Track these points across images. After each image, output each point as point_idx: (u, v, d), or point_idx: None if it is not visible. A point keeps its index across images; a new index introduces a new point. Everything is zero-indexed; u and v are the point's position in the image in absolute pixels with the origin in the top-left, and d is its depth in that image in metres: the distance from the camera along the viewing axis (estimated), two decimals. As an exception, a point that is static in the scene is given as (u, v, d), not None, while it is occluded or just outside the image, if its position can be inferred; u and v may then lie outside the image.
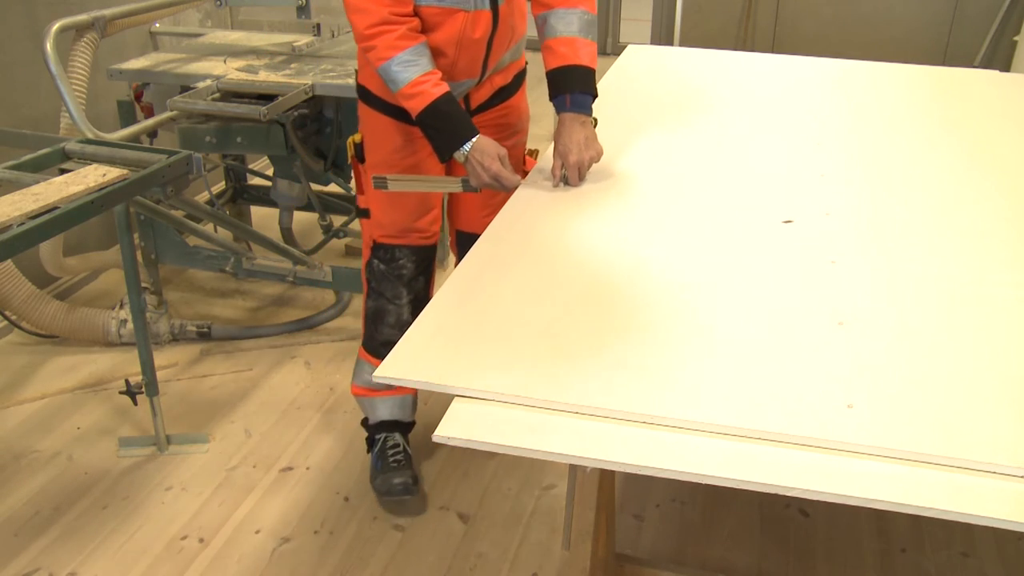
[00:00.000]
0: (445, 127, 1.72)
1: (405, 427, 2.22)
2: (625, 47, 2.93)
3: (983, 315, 1.32)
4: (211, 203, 2.94)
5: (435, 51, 1.75)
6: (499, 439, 1.08)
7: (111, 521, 2.11)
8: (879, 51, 4.85)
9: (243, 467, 2.29)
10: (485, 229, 1.59)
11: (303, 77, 2.61)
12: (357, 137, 2.00)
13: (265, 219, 3.40)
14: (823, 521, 2.13)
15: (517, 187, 1.75)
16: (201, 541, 2.05)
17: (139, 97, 2.75)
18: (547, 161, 1.83)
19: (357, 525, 2.11)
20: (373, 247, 2.03)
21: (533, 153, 2.09)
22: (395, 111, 1.85)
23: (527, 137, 2.10)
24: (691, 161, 1.92)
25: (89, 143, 1.94)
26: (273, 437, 2.41)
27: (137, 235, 2.75)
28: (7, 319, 2.80)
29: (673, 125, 2.13)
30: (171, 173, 1.87)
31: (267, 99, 2.47)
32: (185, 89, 2.57)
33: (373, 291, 2.07)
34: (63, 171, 1.82)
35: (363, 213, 2.03)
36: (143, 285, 2.45)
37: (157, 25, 3.28)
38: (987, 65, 5.22)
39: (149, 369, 2.26)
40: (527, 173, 1.86)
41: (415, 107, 1.71)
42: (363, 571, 1.98)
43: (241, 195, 3.33)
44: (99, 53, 2.61)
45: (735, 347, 1.23)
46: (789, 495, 1.01)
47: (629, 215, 1.65)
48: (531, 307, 1.33)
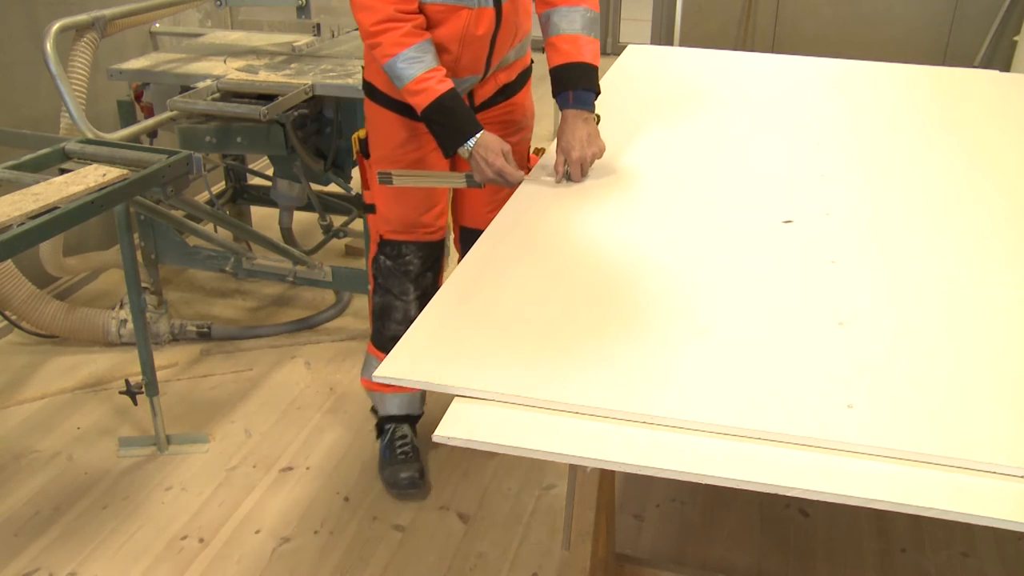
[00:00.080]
0: (449, 123, 1.72)
1: (414, 419, 2.27)
2: (625, 47, 2.93)
3: (983, 315, 1.32)
4: (211, 203, 2.94)
5: (439, 47, 1.75)
6: (499, 439, 1.08)
7: (111, 521, 2.11)
8: (879, 51, 4.85)
9: (243, 467, 2.30)
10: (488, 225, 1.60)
11: (303, 77, 2.61)
12: (362, 133, 2.00)
13: (265, 219, 3.40)
14: (823, 521, 2.13)
15: (520, 183, 1.76)
16: (201, 541, 2.05)
17: (139, 97, 2.75)
18: (550, 157, 1.84)
19: (357, 525, 2.11)
20: (380, 243, 2.04)
21: (539, 152, 2.09)
22: (400, 107, 1.86)
23: (532, 134, 2.11)
24: (691, 161, 1.92)
25: (89, 143, 1.93)
26: (273, 437, 2.41)
27: (137, 235, 2.75)
28: (7, 319, 2.80)
29: (673, 125, 2.13)
30: (171, 173, 1.87)
31: (267, 99, 2.47)
32: (185, 89, 2.57)
33: (380, 287, 2.07)
34: (63, 171, 1.82)
35: (369, 208, 2.04)
36: (143, 285, 2.45)
37: (157, 25, 3.28)
38: (987, 65, 5.22)
39: (149, 369, 2.26)
40: (531, 170, 1.86)
41: (420, 103, 1.71)
42: (363, 571, 1.98)
43: (241, 195, 3.32)
44: (99, 53, 2.61)
45: (735, 347, 1.23)
46: (789, 495, 1.01)
47: (630, 214, 1.65)
48: (531, 306, 1.33)
